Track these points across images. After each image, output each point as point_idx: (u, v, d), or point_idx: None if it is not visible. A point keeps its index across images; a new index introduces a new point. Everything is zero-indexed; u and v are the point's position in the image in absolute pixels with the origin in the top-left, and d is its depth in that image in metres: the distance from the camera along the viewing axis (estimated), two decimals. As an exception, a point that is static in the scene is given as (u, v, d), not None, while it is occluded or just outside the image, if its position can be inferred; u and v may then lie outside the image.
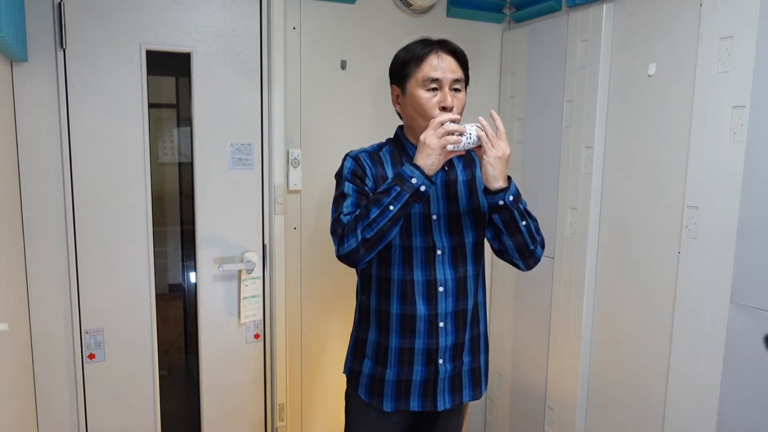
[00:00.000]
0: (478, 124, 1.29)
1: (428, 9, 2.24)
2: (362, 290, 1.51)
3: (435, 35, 2.32)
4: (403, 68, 1.41)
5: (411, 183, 1.26)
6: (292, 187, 2.13)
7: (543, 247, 1.45)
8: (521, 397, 2.38)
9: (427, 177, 1.27)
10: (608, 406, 1.99)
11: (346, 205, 1.37)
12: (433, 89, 1.37)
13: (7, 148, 1.67)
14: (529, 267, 1.46)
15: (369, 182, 1.41)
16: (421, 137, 1.29)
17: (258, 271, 2.12)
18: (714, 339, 1.60)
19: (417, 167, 1.27)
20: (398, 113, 1.51)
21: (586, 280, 2.02)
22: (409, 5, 2.19)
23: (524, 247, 1.39)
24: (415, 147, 1.44)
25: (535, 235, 1.41)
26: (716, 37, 1.56)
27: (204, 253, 2.07)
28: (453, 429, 1.58)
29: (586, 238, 2.00)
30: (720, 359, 1.58)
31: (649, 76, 1.78)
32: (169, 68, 2.11)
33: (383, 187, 1.30)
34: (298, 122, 2.12)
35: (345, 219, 1.33)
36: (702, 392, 1.64)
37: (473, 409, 2.60)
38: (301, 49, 2.10)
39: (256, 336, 2.18)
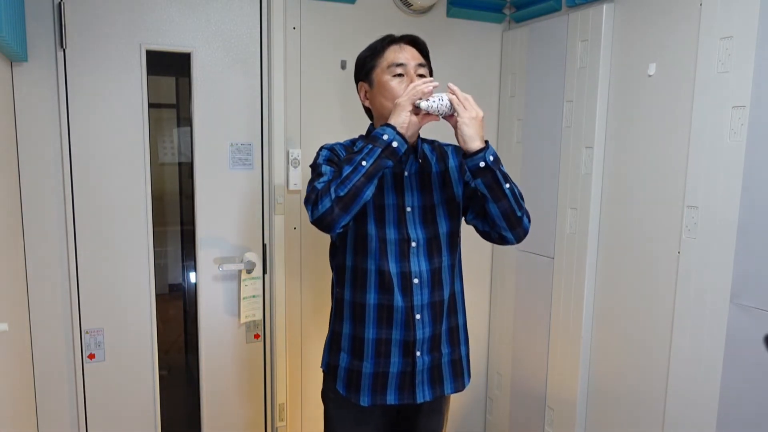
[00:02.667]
0: (448, 93, 1.31)
1: (428, 9, 2.24)
2: (337, 282, 1.50)
3: (435, 35, 2.31)
4: (366, 63, 1.45)
5: (382, 139, 1.27)
6: (292, 187, 2.13)
7: (529, 219, 1.44)
8: (521, 397, 2.38)
9: (399, 133, 1.27)
10: (608, 406, 1.99)
11: (322, 179, 1.36)
12: (399, 75, 1.39)
13: (7, 148, 1.67)
14: (518, 238, 1.43)
15: None
16: (396, 100, 1.31)
17: (258, 271, 2.12)
18: (714, 339, 1.60)
19: (389, 125, 1.28)
20: (367, 111, 1.51)
21: (586, 280, 2.02)
22: (409, 5, 2.19)
23: (511, 213, 1.36)
24: None
25: (521, 200, 1.39)
26: (716, 37, 1.56)
27: (204, 253, 2.07)
28: (434, 427, 1.56)
29: (586, 238, 2.00)
30: (720, 359, 1.58)
31: (649, 76, 1.78)
32: (169, 68, 2.11)
33: (356, 148, 1.31)
34: (298, 122, 2.12)
35: (319, 185, 1.33)
36: (702, 392, 1.64)
37: (473, 408, 2.60)
38: (301, 49, 2.10)
39: (256, 336, 2.18)
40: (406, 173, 1.43)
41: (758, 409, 1.50)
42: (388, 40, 1.43)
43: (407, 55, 1.41)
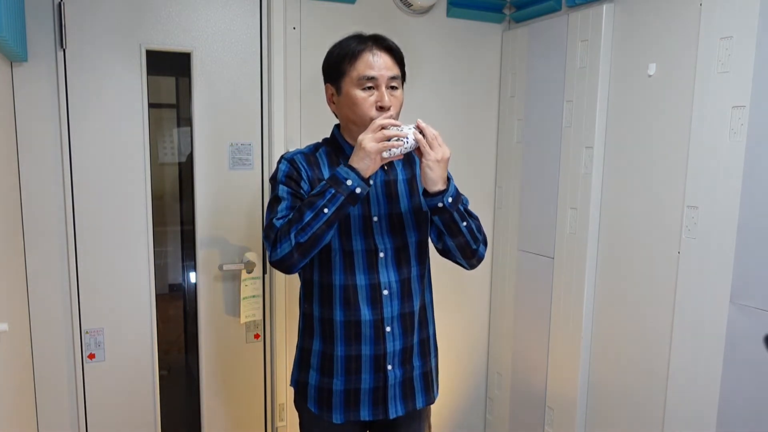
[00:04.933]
0: (416, 127, 1.26)
1: (428, 9, 2.24)
2: (305, 298, 1.46)
3: (435, 35, 2.31)
4: (336, 66, 1.36)
5: (346, 185, 1.23)
6: (292, 187, 2.12)
7: (486, 245, 1.44)
8: (521, 397, 2.38)
9: (362, 179, 1.24)
10: (608, 406, 1.99)
11: (280, 209, 1.32)
12: (369, 88, 1.33)
13: (7, 148, 1.67)
14: (472, 266, 1.44)
15: (305, 185, 1.37)
16: (359, 138, 1.25)
17: (258, 271, 2.12)
18: (714, 339, 1.60)
19: (353, 169, 1.24)
20: (333, 112, 1.47)
21: (586, 280, 2.02)
22: (409, 5, 2.19)
23: (466, 246, 1.38)
24: (351, 147, 1.40)
25: (477, 234, 1.39)
26: (716, 37, 1.56)
27: (204, 253, 2.07)
28: None
29: (586, 238, 2.00)
30: (720, 359, 1.58)
31: (649, 76, 1.78)
32: (169, 68, 2.11)
33: (317, 189, 1.26)
34: (298, 122, 2.12)
35: (278, 223, 1.29)
36: (702, 392, 1.64)
37: (473, 408, 2.60)
38: (301, 49, 2.10)
39: (256, 336, 2.18)
40: (371, 182, 1.38)
41: (758, 409, 1.50)
42: (362, 47, 1.34)
43: (381, 64, 1.32)
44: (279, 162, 1.41)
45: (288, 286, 2.17)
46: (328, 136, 1.50)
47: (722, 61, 1.55)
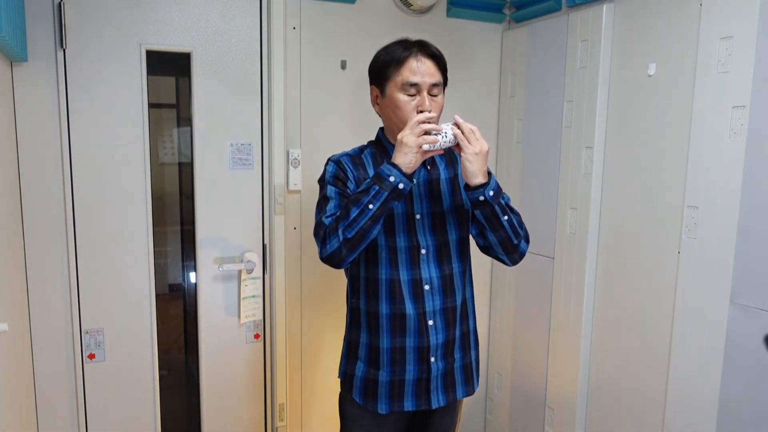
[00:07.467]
0: (454, 123, 1.31)
1: (428, 9, 2.24)
2: (352, 293, 1.52)
3: (435, 35, 2.31)
4: (382, 70, 1.43)
5: (389, 181, 1.28)
6: (292, 187, 2.13)
7: (527, 241, 1.48)
8: (521, 397, 2.38)
9: (405, 175, 1.28)
10: (608, 406, 1.99)
11: (329, 208, 1.39)
12: (412, 94, 1.39)
13: (7, 148, 1.67)
14: (514, 262, 1.48)
15: (351, 185, 1.43)
16: (399, 136, 1.30)
17: (258, 271, 2.12)
18: (714, 339, 1.60)
19: (395, 166, 1.29)
20: (377, 113, 1.52)
21: (586, 280, 2.02)
22: (409, 5, 2.19)
23: (507, 241, 1.42)
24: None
25: (518, 229, 1.43)
26: (716, 37, 1.56)
27: (204, 253, 2.07)
28: (447, 427, 1.59)
29: (586, 238, 2.00)
30: (720, 359, 1.58)
31: (649, 76, 1.78)
32: (169, 68, 2.11)
33: (362, 186, 1.32)
34: (298, 122, 2.12)
35: (327, 221, 1.36)
36: (702, 392, 1.64)
37: (473, 408, 2.59)
38: (301, 49, 2.10)
39: (256, 336, 2.18)
40: (414, 180, 1.43)
41: (758, 409, 1.50)
42: (408, 53, 1.39)
43: (424, 70, 1.38)
44: (326, 164, 1.47)
45: (288, 286, 2.17)
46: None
47: (722, 61, 1.55)
